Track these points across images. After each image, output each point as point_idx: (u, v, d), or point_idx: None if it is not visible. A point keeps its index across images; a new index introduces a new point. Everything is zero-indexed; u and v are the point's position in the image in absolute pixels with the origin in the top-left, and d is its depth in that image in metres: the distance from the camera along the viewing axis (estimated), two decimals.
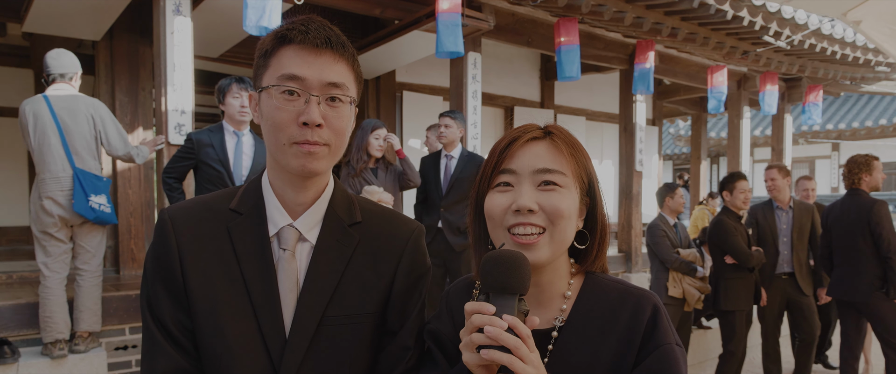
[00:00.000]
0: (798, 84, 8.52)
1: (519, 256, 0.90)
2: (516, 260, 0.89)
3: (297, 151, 1.03)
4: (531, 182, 1.02)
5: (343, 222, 1.13)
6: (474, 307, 0.87)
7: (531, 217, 1.00)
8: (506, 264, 0.89)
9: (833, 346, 5.57)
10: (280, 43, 1.04)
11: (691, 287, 4.62)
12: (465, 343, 0.88)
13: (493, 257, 0.90)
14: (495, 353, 0.83)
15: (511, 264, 0.89)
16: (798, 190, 5.63)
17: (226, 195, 1.14)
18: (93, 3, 4.61)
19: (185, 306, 1.05)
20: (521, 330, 0.85)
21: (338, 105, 1.05)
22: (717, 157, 18.93)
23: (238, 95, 3.41)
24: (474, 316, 0.86)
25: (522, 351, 0.83)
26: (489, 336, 0.83)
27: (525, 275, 0.89)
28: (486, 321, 0.84)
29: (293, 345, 1.04)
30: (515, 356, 0.83)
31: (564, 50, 5.54)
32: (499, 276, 0.88)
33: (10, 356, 3.37)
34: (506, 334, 0.83)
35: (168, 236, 1.06)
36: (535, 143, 1.04)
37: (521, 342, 0.84)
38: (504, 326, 0.83)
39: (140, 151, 3.85)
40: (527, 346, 0.84)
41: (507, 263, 0.89)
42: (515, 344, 0.83)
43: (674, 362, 0.97)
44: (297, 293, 1.07)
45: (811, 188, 5.46)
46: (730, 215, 4.39)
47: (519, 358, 0.83)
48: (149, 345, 1.05)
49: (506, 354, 0.83)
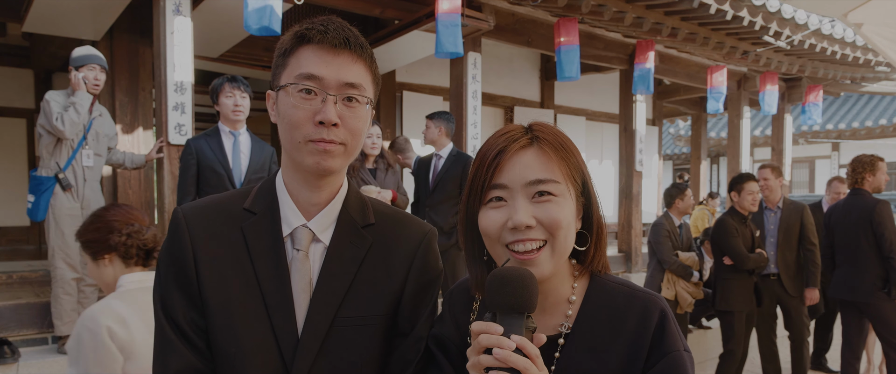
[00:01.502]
0: (798, 84, 8.52)
1: (526, 274, 0.88)
2: (523, 279, 0.87)
3: (312, 148, 1.03)
4: (525, 195, 0.98)
5: (356, 223, 1.13)
6: (481, 328, 0.85)
7: (529, 233, 0.97)
8: (513, 284, 0.86)
9: (832, 348, 5.57)
10: (299, 42, 1.05)
11: (685, 291, 4.65)
12: (473, 364, 0.86)
13: (499, 275, 0.88)
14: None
15: (518, 283, 0.86)
16: (830, 192, 5.63)
17: (239, 195, 1.14)
18: (93, 3, 4.60)
19: (198, 306, 1.05)
20: (530, 350, 0.83)
21: (354, 105, 1.05)
22: (717, 157, 18.94)
23: (231, 94, 3.40)
24: (482, 337, 0.84)
25: (532, 371, 0.82)
26: (498, 358, 0.81)
27: (533, 293, 0.87)
28: (494, 342, 0.82)
29: (305, 346, 1.04)
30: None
31: (564, 50, 5.55)
32: (506, 295, 0.86)
33: (10, 356, 3.37)
34: (515, 355, 0.81)
35: (182, 235, 1.06)
36: (523, 152, 1.00)
37: (530, 363, 0.82)
38: (512, 346, 0.82)
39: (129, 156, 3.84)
40: (536, 366, 0.83)
41: (514, 282, 0.86)
42: (524, 366, 0.81)
43: (682, 369, 0.96)
44: (309, 294, 1.07)
45: (842, 191, 5.45)
46: (735, 215, 4.38)
47: None
48: (161, 343, 1.05)
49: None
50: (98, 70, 3.79)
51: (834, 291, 4.37)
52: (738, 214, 4.36)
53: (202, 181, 3.43)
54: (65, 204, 3.72)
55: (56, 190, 3.70)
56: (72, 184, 3.74)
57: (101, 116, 4.01)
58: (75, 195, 3.78)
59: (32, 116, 7.53)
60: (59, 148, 3.73)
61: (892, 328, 4.08)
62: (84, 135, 3.83)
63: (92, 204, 3.84)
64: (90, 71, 3.76)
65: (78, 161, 3.80)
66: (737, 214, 4.37)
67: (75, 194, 3.78)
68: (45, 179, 3.68)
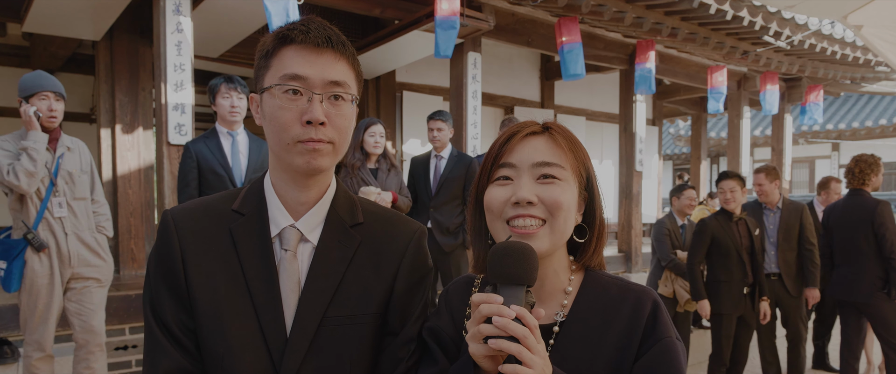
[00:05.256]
0: (798, 84, 8.52)
1: (527, 247, 0.91)
2: (524, 251, 0.90)
3: (301, 148, 1.04)
4: (530, 175, 1.03)
5: (345, 222, 1.14)
6: (482, 298, 0.88)
7: (531, 209, 1.01)
8: (514, 255, 0.90)
9: (831, 344, 5.57)
10: (281, 43, 1.05)
11: (682, 289, 4.67)
12: (472, 334, 0.88)
13: (501, 248, 0.91)
14: (503, 342, 0.83)
15: (519, 255, 0.90)
16: (830, 193, 5.60)
17: (228, 196, 1.15)
18: (93, 3, 4.61)
19: (187, 307, 1.06)
20: (529, 320, 0.85)
21: (340, 103, 1.06)
22: (717, 157, 18.93)
23: (227, 95, 3.39)
24: (482, 306, 0.87)
25: (530, 341, 0.84)
26: (497, 326, 0.84)
27: (533, 266, 0.90)
28: (494, 310, 0.85)
29: (294, 345, 1.04)
30: (523, 346, 0.84)
31: (568, 49, 5.54)
32: (507, 266, 0.89)
33: (10, 356, 3.37)
34: (514, 323, 0.84)
35: (171, 237, 1.07)
36: (534, 137, 1.06)
37: (528, 331, 0.84)
38: (512, 315, 0.84)
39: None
40: (534, 336, 0.85)
41: (515, 254, 0.90)
42: (523, 334, 0.84)
43: (674, 355, 0.99)
44: (298, 294, 1.07)
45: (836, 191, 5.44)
46: (721, 215, 4.32)
47: (526, 348, 0.84)
48: (151, 345, 1.05)
49: (514, 343, 0.83)
50: (53, 98, 3.10)
51: (833, 291, 4.37)
52: (725, 212, 4.33)
53: (203, 183, 3.43)
54: (37, 270, 3.07)
55: (28, 253, 3.05)
56: (45, 244, 3.06)
57: (70, 150, 3.25)
58: (55, 255, 3.12)
59: None
60: (25, 204, 3.06)
61: (892, 328, 4.08)
62: (52, 180, 3.12)
63: (83, 254, 3.22)
64: (42, 100, 3.06)
65: (50, 214, 3.11)
66: (724, 212, 4.33)
67: (54, 254, 3.12)
68: (15, 243, 3.04)
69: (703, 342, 5.91)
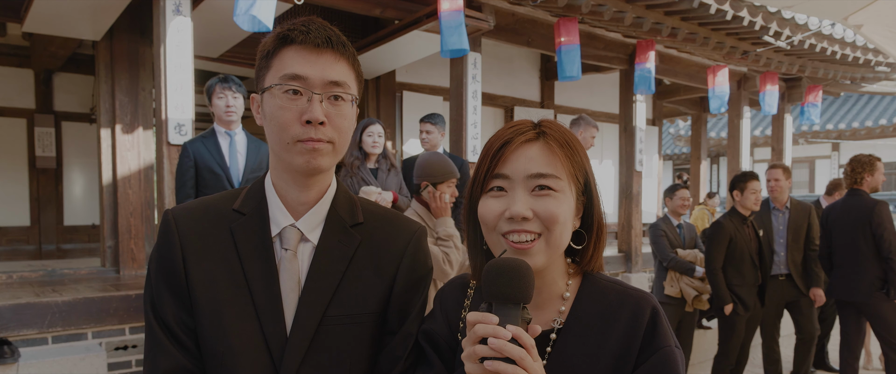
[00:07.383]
0: (798, 84, 8.52)
1: (522, 264, 0.88)
2: (520, 269, 0.87)
3: (301, 148, 1.04)
4: (525, 188, 1.00)
5: (345, 222, 1.14)
6: (477, 318, 0.85)
7: (525, 224, 0.98)
8: (509, 274, 0.87)
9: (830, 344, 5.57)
10: (282, 43, 1.06)
11: (688, 287, 4.65)
12: (468, 354, 0.86)
13: (496, 266, 0.88)
14: (499, 365, 0.82)
15: (514, 273, 0.87)
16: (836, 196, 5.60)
17: (229, 196, 1.15)
18: (93, 3, 4.61)
19: (187, 306, 1.06)
20: (525, 340, 0.83)
21: (340, 103, 1.07)
22: (717, 157, 18.93)
23: (222, 95, 3.39)
24: (477, 326, 0.84)
25: (527, 362, 0.82)
26: (493, 348, 0.81)
27: (528, 284, 0.87)
28: (489, 331, 0.83)
29: (294, 344, 1.04)
30: (520, 368, 0.82)
31: (565, 50, 5.54)
32: (502, 285, 0.87)
33: (10, 356, 3.37)
34: (510, 345, 0.82)
35: (171, 236, 1.08)
36: (529, 145, 1.02)
37: (525, 353, 0.82)
38: (508, 336, 0.82)
39: None
40: (531, 356, 0.83)
41: (510, 272, 0.87)
42: (520, 355, 0.82)
43: (673, 364, 0.97)
44: (298, 293, 1.08)
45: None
46: (735, 216, 4.30)
47: (523, 369, 0.82)
48: (151, 344, 1.06)
49: (510, 365, 0.82)
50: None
51: (832, 291, 4.37)
52: (738, 214, 4.31)
53: (200, 182, 3.43)
54: None
55: None
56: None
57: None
58: None
59: (32, 116, 7.54)
60: None
61: (891, 328, 4.08)
62: None
63: None
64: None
65: None
66: (737, 214, 4.31)
67: None
68: None
69: (703, 342, 5.91)
